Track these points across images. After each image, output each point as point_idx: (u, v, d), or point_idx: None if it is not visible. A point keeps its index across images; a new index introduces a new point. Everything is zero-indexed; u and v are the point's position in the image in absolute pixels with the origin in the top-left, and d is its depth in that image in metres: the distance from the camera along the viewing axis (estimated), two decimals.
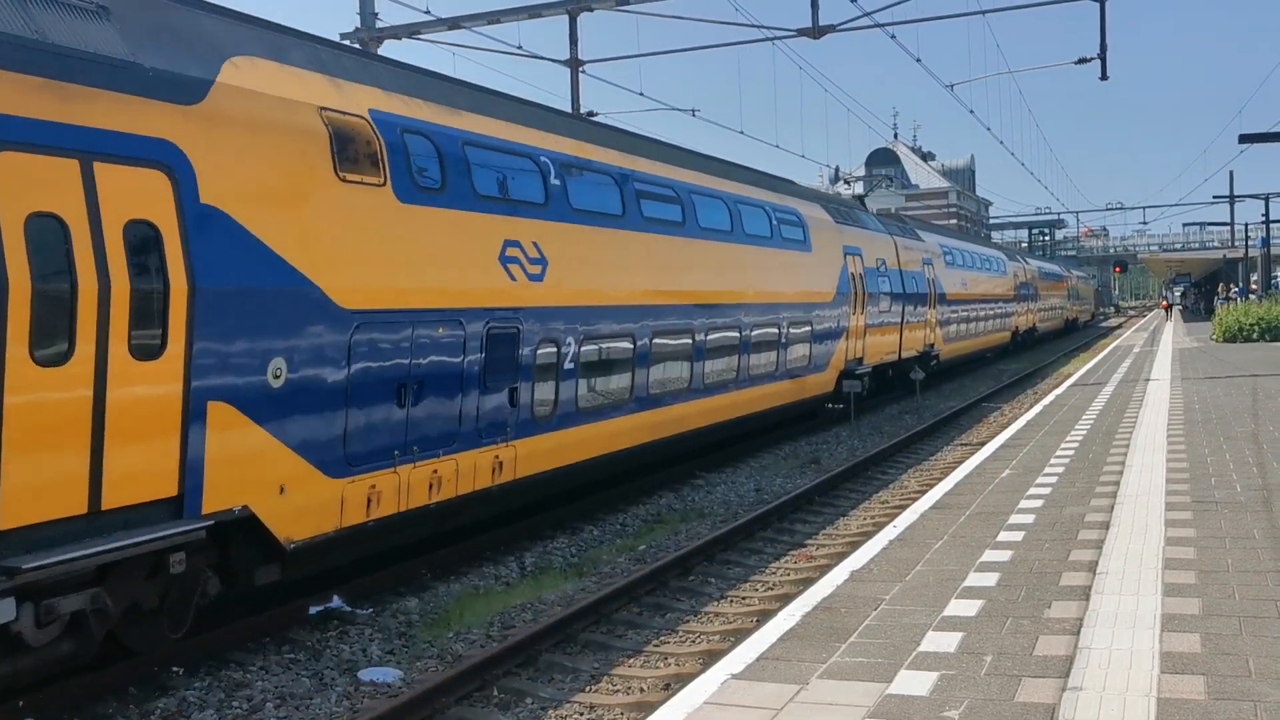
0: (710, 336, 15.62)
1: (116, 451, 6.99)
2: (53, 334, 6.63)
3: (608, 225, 13.16)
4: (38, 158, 6.61)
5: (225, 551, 8.14)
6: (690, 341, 15.05)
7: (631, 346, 13.47)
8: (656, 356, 14.10)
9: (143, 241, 7.22)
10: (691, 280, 15.10)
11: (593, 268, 12.73)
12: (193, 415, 7.50)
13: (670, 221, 14.79)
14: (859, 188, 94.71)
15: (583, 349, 12.35)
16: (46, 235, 6.62)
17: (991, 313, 39.01)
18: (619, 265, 13.33)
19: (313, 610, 9.41)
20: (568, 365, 12.07)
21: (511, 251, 11.10)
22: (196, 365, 7.54)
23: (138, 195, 7.20)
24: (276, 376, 8.20)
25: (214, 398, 7.67)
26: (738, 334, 16.56)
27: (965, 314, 33.97)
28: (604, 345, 12.90)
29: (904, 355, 26.60)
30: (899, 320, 25.96)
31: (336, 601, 9.64)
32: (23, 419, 6.44)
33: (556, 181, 12.20)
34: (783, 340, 18.38)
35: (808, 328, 19.49)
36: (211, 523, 7.64)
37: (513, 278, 11.05)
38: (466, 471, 10.46)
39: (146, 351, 7.21)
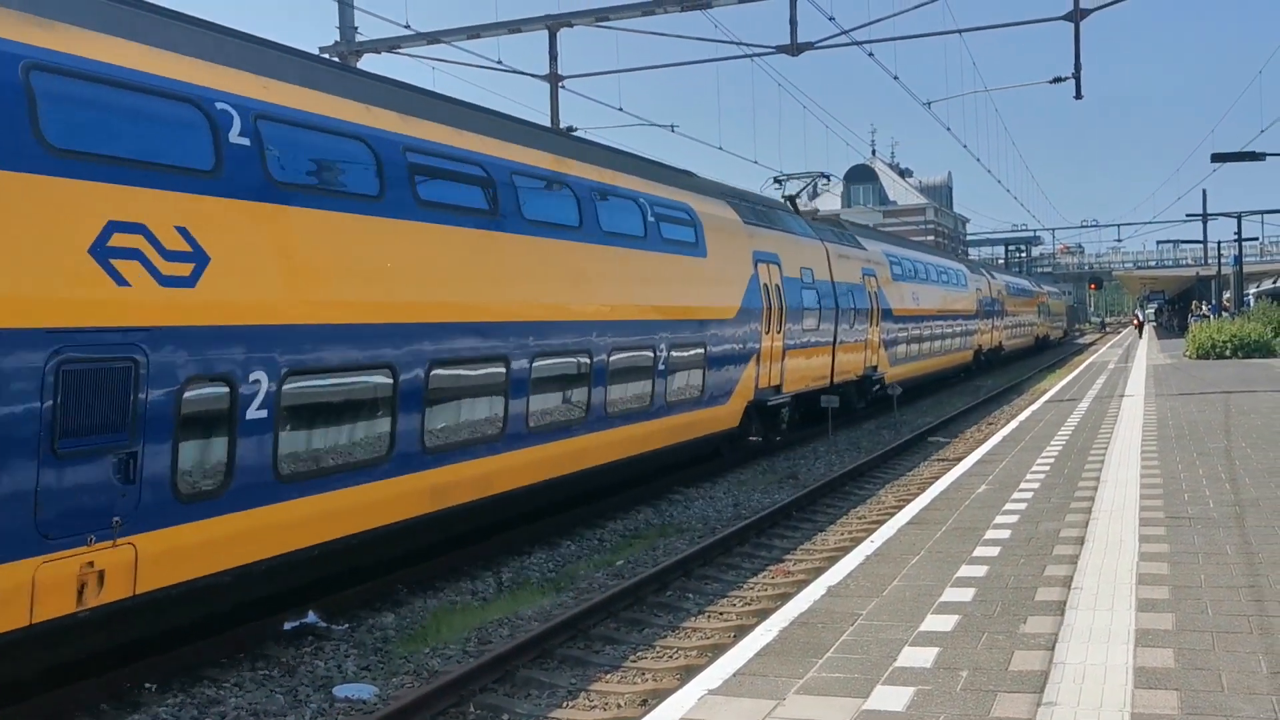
0: (539, 364, 11.91)
1: None
2: None
3: (347, 209, 9.36)
4: None
5: None
6: (502, 372, 11.32)
7: (391, 383, 9.68)
8: (437, 395, 10.33)
9: None
10: (505, 291, 11.39)
11: (307, 270, 8.85)
12: None
13: (469, 210, 11.08)
14: (836, 204, 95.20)
15: (285, 389, 8.57)
16: None
17: (950, 330, 35.56)
18: (362, 267, 9.44)
19: (287, 626, 9.34)
20: (253, 414, 8.31)
21: (124, 240, 7.36)
22: None
23: None
24: None
25: None
26: (586, 360, 12.97)
27: (917, 332, 30.63)
28: (327, 383, 9.11)
29: (838, 379, 23.17)
30: (830, 340, 22.51)
31: (311, 617, 9.57)
32: None
33: (244, 141, 8.47)
34: (661, 367, 14.69)
35: (699, 350, 15.93)
36: None
37: (123, 281, 7.33)
38: None
39: None
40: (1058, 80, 22.44)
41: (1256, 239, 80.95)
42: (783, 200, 25.79)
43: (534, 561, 12.17)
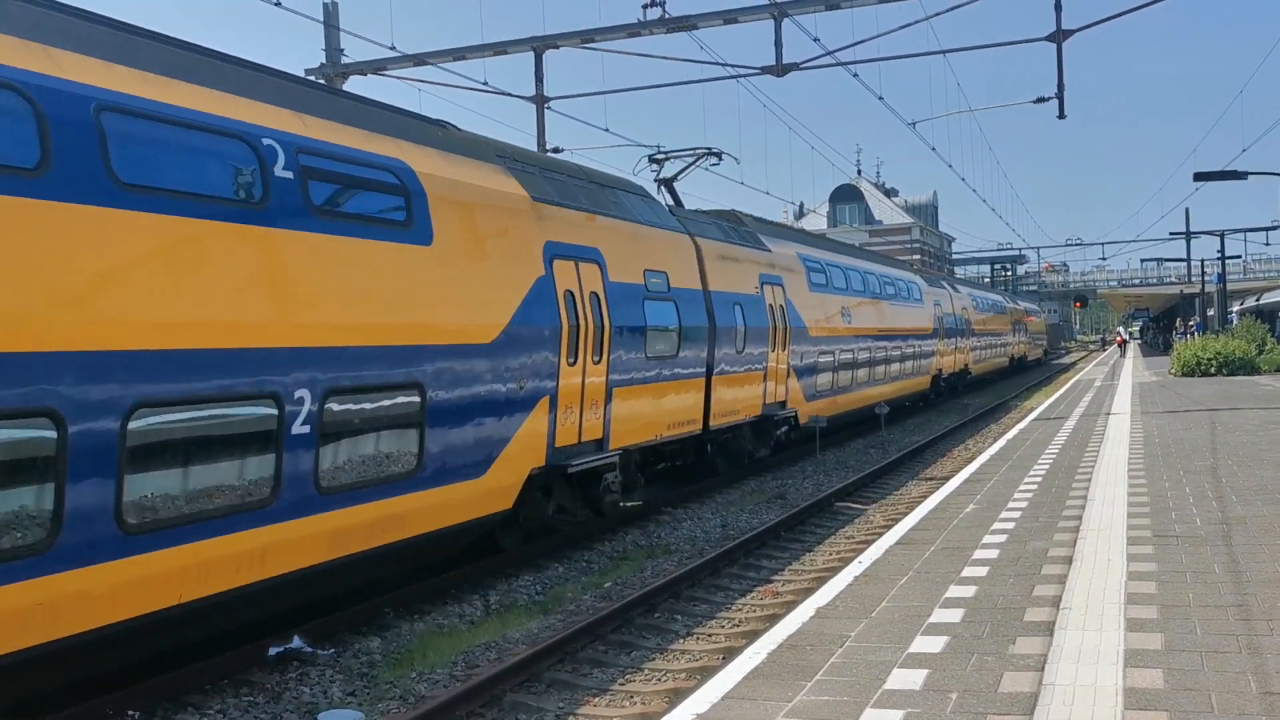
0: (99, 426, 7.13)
1: None
2: None
3: None
4: None
5: None
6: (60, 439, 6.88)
7: None
8: None
9: None
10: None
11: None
12: None
13: None
14: (823, 223, 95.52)
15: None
16: None
17: (899, 353, 29.99)
18: None
19: (272, 651, 9.25)
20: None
21: None
22: None
23: None
24: None
25: None
26: (210, 414, 8.05)
27: (848, 356, 24.87)
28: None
29: (716, 423, 17.50)
30: (701, 369, 16.74)
31: (297, 642, 9.48)
32: None
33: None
34: (301, 429, 8.74)
35: (404, 399, 10.00)
36: None
37: None
38: None
39: None
40: (1041, 100, 22.58)
41: (1239, 257, 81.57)
42: (659, 185, 19.91)
43: (521, 584, 12.11)
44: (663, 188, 20.02)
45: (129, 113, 7.72)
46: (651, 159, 19.97)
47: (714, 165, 21.72)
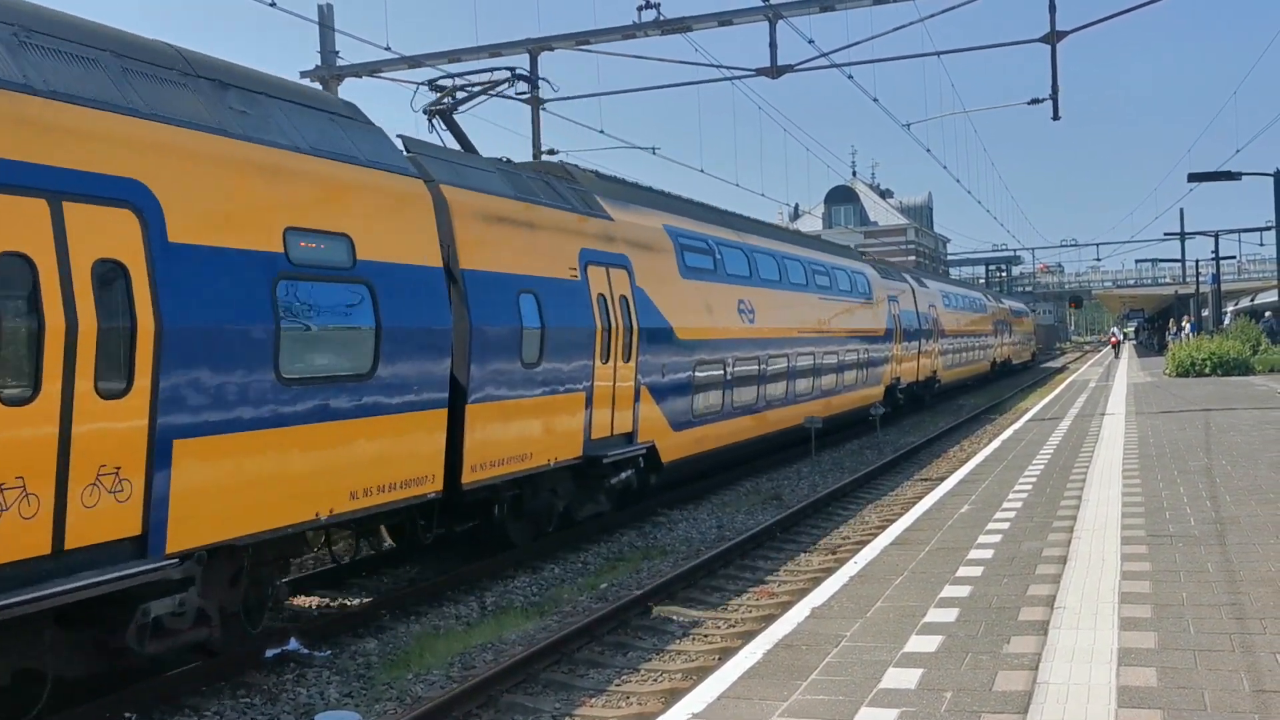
0: None
1: None
2: None
3: None
4: None
5: None
6: None
7: None
8: None
9: None
10: None
11: None
12: None
13: None
14: (819, 225, 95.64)
15: None
16: None
17: (836, 360, 24.29)
18: None
19: (269, 653, 9.26)
20: None
21: None
22: None
23: None
24: None
25: None
26: None
27: (747, 366, 18.94)
28: None
29: (478, 477, 11.56)
30: (435, 395, 10.76)
31: (294, 644, 9.50)
32: None
33: None
34: None
35: None
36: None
37: None
38: None
39: None
40: (1035, 101, 22.61)
41: (1234, 257, 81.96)
42: (429, 116, 14.57)
43: (518, 585, 12.12)
44: (435, 121, 14.40)
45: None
46: (433, 85, 14.78)
47: (522, 95, 17.89)
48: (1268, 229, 54.99)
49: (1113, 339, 79.01)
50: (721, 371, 17.97)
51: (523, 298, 12.43)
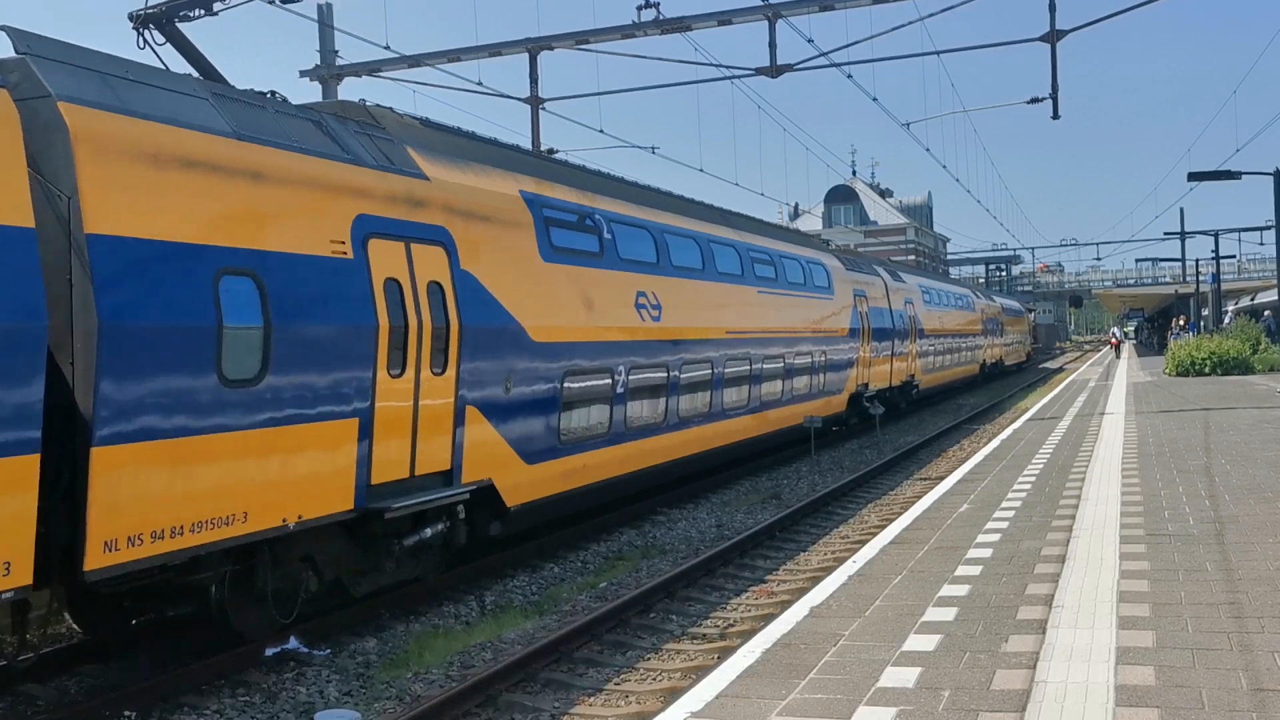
0: None
1: None
2: None
3: None
4: None
5: None
6: None
7: None
8: None
9: None
10: None
11: None
12: None
13: None
14: (818, 224, 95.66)
15: None
16: None
17: (781, 365, 20.42)
18: None
19: (269, 651, 9.28)
20: None
21: None
22: None
23: None
24: None
25: None
26: None
27: (628, 380, 14.61)
28: None
29: (121, 557, 7.62)
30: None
31: (293, 643, 9.51)
32: None
33: None
34: None
35: None
36: None
37: None
38: None
39: None
40: (1035, 100, 22.60)
41: (1234, 257, 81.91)
42: (136, 27, 10.82)
43: (517, 584, 12.13)
44: (148, 33, 10.72)
45: None
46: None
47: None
48: (1268, 228, 55.02)
49: (1112, 339, 78.02)
50: (609, 382, 14.05)
51: (228, 282, 8.57)
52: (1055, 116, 22.09)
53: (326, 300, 9.35)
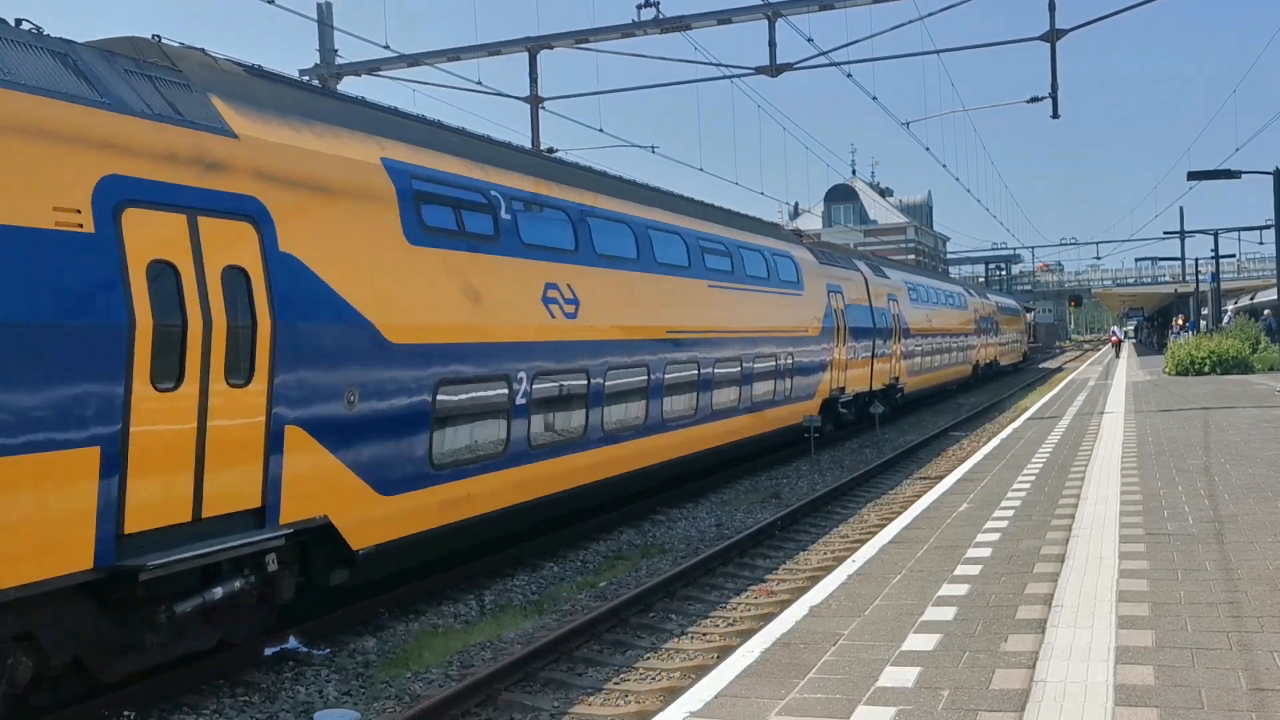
0: None
1: None
2: None
3: None
4: None
5: None
6: None
7: None
8: None
9: None
10: None
11: None
12: None
13: None
14: (818, 223, 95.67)
15: None
16: None
17: (739, 368, 18.37)
18: None
19: (268, 651, 9.28)
20: None
21: None
22: None
23: None
24: None
25: None
26: None
27: (531, 389, 12.29)
28: None
29: None
30: None
31: (293, 642, 9.51)
32: None
33: None
34: None
35: None
36: None
37: None
38: None
39: None
40: (1035, 100, 22.62)
41: (1233, 256, 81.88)
42: None
43: (516, 583, 12.13)
44: None
45: None
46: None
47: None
48: (1267, 227, 55.03)
49: (1113, 338, 77.68)
50: (504, 393, 11.71)
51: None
52: (1055, 116, 22.10)
53: (40, 289, 6.93)
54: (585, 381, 13.33)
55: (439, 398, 10.62)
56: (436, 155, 11.49)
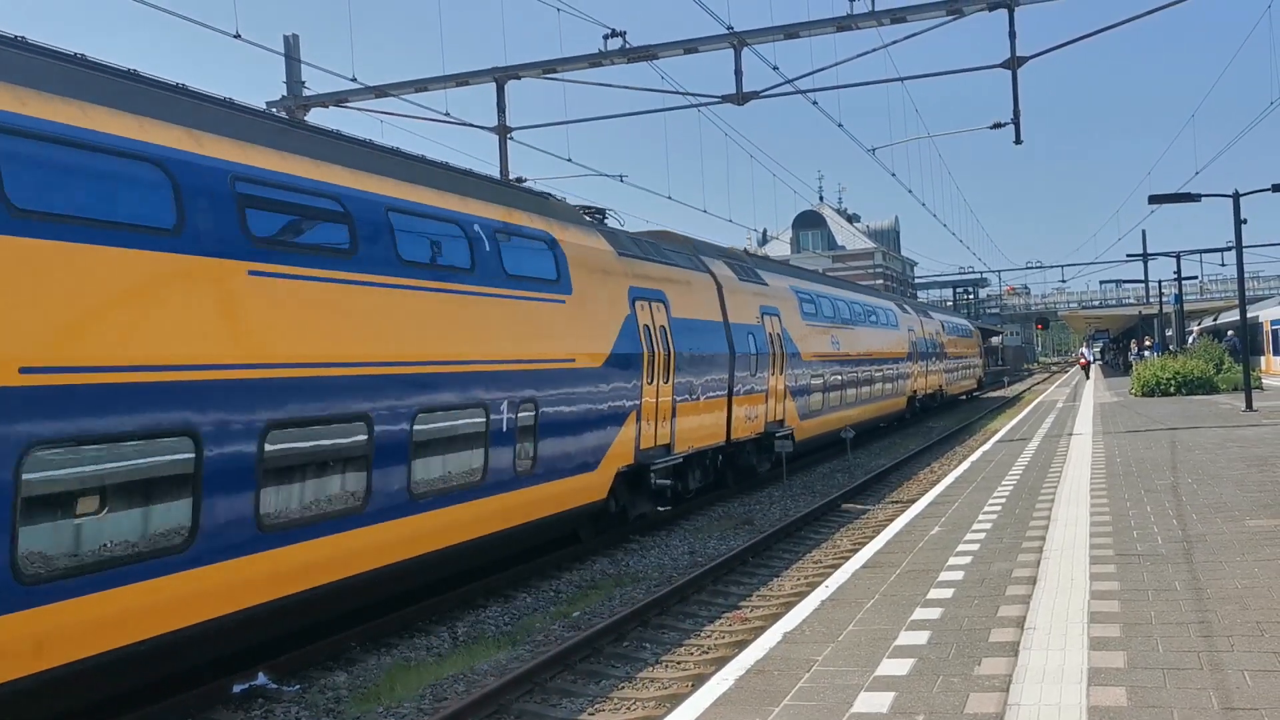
0: None
1: None
2: None
3: None
4: None
5: None
6: None
7: None
8: None
9: None
10: None
11: None
12: None
13: None
14: (786, 249, 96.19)
15: None
16: None
17: (438, 433, 10.92)
18: None
19: (236, 688, 9.15)
20: None
21: None
22: None
23: None
24: None
25: None
26: None
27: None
28: None
29: None
30: None
31: (261, 678, 9.38)
32: None
33: None
34: None
35: None
36: None
37: None
38: None
39: None
40: (998, 126, 22.86)
41: (1196, 277, 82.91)
42: None
43: (489, 615, 12.04)
44: None
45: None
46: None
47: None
48: (1228, 249, 55.77)
49: (1081, 360, 78.04)
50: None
51: None
52: (1018, 141, 22.32)
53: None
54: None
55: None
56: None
